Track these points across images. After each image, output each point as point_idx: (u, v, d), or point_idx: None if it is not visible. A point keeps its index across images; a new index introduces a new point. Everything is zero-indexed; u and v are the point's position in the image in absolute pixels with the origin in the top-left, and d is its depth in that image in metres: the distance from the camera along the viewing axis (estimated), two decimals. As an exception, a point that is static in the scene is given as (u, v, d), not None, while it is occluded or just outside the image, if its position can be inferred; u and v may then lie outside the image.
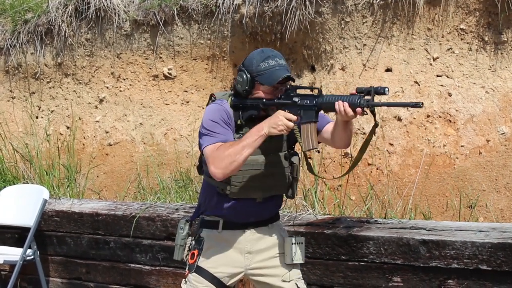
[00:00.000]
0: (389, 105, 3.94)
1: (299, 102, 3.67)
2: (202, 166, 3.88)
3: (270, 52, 3.79)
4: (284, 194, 3.96)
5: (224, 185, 3.75)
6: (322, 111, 3.73)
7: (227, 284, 3.88)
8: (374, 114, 3.58)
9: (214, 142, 3.65)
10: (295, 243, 3.91)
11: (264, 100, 3.72)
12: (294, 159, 3.88)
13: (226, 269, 3.84)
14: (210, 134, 3.69)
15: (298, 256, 3.91)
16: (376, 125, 3.65)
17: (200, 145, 3.75)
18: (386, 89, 3.49)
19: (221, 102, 3.79)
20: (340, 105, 3.52)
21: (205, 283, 3.83)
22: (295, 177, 3.89)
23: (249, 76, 3.71)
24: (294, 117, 3.59)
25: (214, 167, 3.59)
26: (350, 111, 3.50)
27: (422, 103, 3.48)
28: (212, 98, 3.87)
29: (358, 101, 3.51)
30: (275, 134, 3.58)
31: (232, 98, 3.79)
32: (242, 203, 3.80)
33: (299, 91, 3.77)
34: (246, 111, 3.76)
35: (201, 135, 3.74)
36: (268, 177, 3.78)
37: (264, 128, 3.57)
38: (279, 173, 3.83)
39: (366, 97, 3.53)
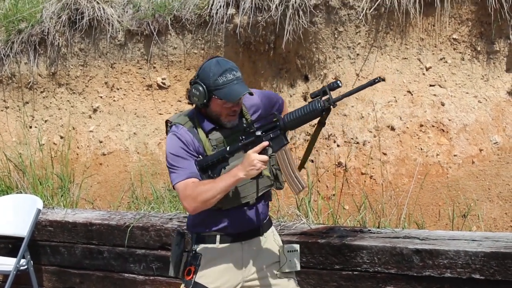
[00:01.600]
0: (350, 93, 3.65)
1: (263, 135, 3.64)
2: None
3: (227, 64, 3.69)
4: (272, 188, 3.91)
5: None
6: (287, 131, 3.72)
7: None
8: (328, 112, 3.56)
9: (183, 179, 3.67)
10: (290, 251, 3.92)
11: (227, 149, 3.69)
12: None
13: (224, 283, 3.82)
14: (176, 171, 3.69)
15: (293, 264, 3.91)
16: (323, 124, 3.63)
17: (171, 179, 3.75)
18: (339, 82, 3.49)
19: (176, 129, 3.74)
20: None
21: None
22: (277, 167, 3.81)
23: (205, 89, 3.63)
24: (265, 143, 3.58)
25: (187, 204, 3.64)
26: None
27: (384, 78, 3.47)
28: (168, 124, 3.83)
29: (319, 105, 3.51)
30: (256, 174, 3.56)
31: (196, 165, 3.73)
32: (237, 211, 3.79)
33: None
34: (215, 168, 3.71)
35: (168, 168, 3.74)
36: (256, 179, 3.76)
37: (239, 174, 3.54)
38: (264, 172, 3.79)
39: (324, 98, 3.51)
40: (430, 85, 5.84)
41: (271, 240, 3.95)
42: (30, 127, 7.89)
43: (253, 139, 3.63)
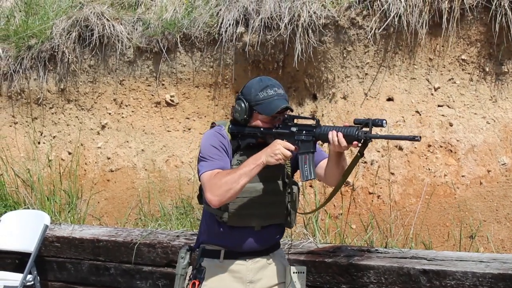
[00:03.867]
0: (386, 137, 3.90)
1: (296, 132, 3.69)
2: (202, 195, 3.88)
3: (269, 81, 3.80)
4: (282, 224, 3.94)
5: (222, 213, 3.74)
6: (319, 144, 3.76)
7: None
8: (365, 146, 3.58)
9: (211, 169, 3.67)
10: (296, 272, 3.91)
11: (262, 129, 3.74)
12: (294, 188, 3.88)
13: None
14: (207, 160, 3.71)
15: (299, 285, 3.90)
16: (361, 155, 3.65)
17: (198, 171, 3.76)
18: (384, 122, 3.51)
19: (220, 128, 3.82)
20: (333, 135, 3.54)
21: None
22: (293, 206, 3.88)
23: (247, 104, 3.74)
24: (292, 147, 3.60)
25: (211, 194, 3.61)
26: (343, 142, 3.52)
27: (420, 137, 3.49)
28: (213, 125, 3.91)
29: (356, 132, 3.52)
30: (273, 163, 3.59)
31: (230, 126, 3.81)
32: (241, 232, 3.79)
33: (297, 121, 3.79)
34: (244, 139, 3.78)
35: (199, 160, 3.76)
36: (266, 205, 3.78)
37: (261, 157, 3.58)
38: (277, 202, 3.82)
39: (364, 129, 3.54)
40: (439, 106, 5.84)
41: (277, 260, 3.94)
42: (39, 142, 7.91)
43: (286, 132, 3.69)
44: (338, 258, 4.89)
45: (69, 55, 7.56)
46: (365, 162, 5.97)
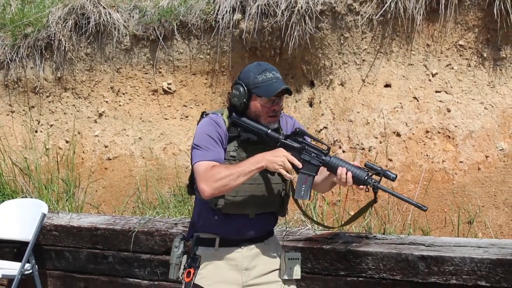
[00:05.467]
0: (394, 195, 3.73)
1: (304, 151, 3.68)
2: (193, 186, 3.84)
3: (267, 65, 3.79)
4: (276, 212, 3.94)
5: (217, 200, 3.73)
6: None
7: None
8: (375, 193, 3.62)
9: (206, 159, 3.65)
10: (291, 259, 3.91)
11: (268, 132, 3.71)
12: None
13: (223, 286, 3.81)
14: (202, 149, 3.68)
15: (294, 272, 3.90)
16: (374, 201, 3.70)
17: (192, 160, 3.74)
18: (394, 176, 3.55)
19: (216, 116, 3.79)
20: (343, 172, 3.57)
21: None
22: (287, 194, 3.89)
23: (246, 88, 3.70)
24: (299, 164, 3.60)
25: (206, 185, 3.59)
26: (350, 182, 3.56)
27: (427, 208, 3.54)
28: (204, 115, 3.86)
29: (366, 178, 3.56)
30: (271, 169, 3.59)
31: (234, 115, 3.76)
32: (236, 219, 3.79)
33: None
34: (246, 132, 3.74)
35: (193, 148, 3.74)
36: (261, 193, 3.78)
37: (263, 161, 3.56)
38: (272, 190, 3.81)
39: (374, 177, 3.57)
40: (436, 92, 5.83)
41: (272, 247, 3.95)
42: (36, 131, 7.90)
43: (295, 146, 3.68)
44: (336, 244, 4.89)
45: (65, 43, 7.54)
46: (363, 149, 5.96)
